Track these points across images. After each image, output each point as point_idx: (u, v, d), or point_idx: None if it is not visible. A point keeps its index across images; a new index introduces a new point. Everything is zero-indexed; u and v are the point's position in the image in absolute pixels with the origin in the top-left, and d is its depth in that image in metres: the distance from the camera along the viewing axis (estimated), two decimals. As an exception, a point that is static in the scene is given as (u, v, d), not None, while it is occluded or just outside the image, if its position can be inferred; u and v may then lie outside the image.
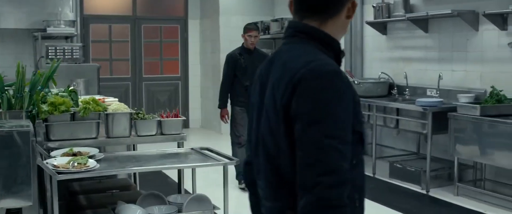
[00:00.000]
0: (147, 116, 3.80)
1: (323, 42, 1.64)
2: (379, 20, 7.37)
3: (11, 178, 2.97)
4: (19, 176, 2.98)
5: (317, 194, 1.45)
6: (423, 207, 5.64)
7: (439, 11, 6.28)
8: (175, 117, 3.90)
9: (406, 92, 6.98)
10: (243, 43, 6.40)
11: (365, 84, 7.23)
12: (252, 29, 6.29)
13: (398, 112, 6.51)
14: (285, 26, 1.76)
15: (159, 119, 3.83)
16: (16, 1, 8.18)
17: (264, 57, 6.30)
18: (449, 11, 6.11)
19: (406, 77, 6.99)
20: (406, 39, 7.27)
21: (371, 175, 6.81)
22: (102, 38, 10.21)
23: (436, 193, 5.98)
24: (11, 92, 3.58)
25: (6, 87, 3.59)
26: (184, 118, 3.93)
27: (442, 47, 6.70)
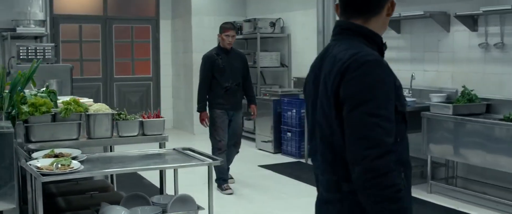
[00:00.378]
0: (129, 116, 3.77)
1: (367, 37, 1.85)
2: (352, 21, 7.45)
3: (-7, 180, 2.92)
4: (2, 179, 2.93)
5: (366, 165, 1.66)
6: (398, 204, 5.73)
7: (411, 13, 6.40)
8: (157, 117, 3.89)
9: (379, 92, 7.08)
10: (219, 43, 6.18)
11: (338, 84, 7.31)
12: (229, 28, 6.07)
13: (372, 111, 6.60)
14: (335, 25, 1.96)
15: (141, 119, 3.81)
16: (-16, 0, 8.03)
17: (242, 57, 6.28)
18: (421, 13, 6.24)
19: (379, 77, 7.08)
20: (379, 39, 7.37)
21: (346, 174, 6.89)
22: (72, 38, 10.08)
23: (410, 191, 6.09)
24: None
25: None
26: (165, 118, 3.91)
27: (414, 47, 6.82)
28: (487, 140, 5.26)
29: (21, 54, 6.94)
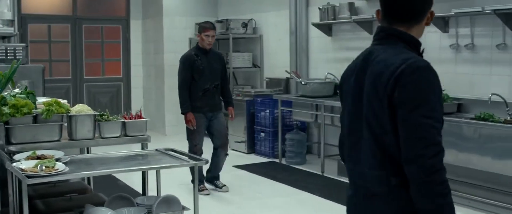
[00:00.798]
0: (111, 117, 3.75)
1: (410, 43, 2.01)
2: (324, 22, 7.55)
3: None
4: (-15, 181, 2.89)
5: (422, 163, 1.82)
6: (373, 203, 5.82)
7: (384, 14, 6.51)
8: (138, 118, 3.87)
9: (352, 92, 7.18)
10: (197, 43, 6.02)
11: (311, 84, 7.38)
12: (209, 28, 5.93)
13: (346, 111, 6.69)
14: (377, 30, 2.09)
15: (123, 120, 3.79)
16: (-49, -1, 7.83)
17: (220, 57, 6.14)
18: (394, 14, 6.34)
19: (351, 77, 7.17)
20: (351, 40, 7.48)
21: (320, 173, 6.97)
22: (41, 39, 9.91)
23: (384, 189, 6.19)
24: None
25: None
26: (148, 119, 3.90)
27: (386, 48, 6.93)
28: (459, 138, 5.38)
29: (-10, 54, 6.80)
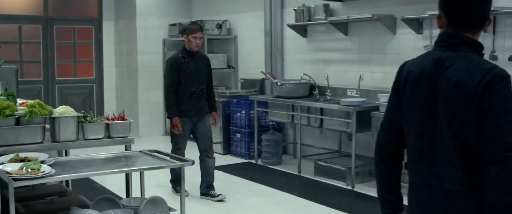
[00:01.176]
0: (95, 119, 3.73)
1: (477, 49, 2.14)
2: (300, 23, 7.61)
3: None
4: (-29, 184, 2.84)
5: (506, 164, 1.94)
6: (351, 201, 5.90)
7: (360, 16, 6.61)
8: (122, 119, 3.86)
9: (327, 93, 7.26)
10: (184, 45, 5.88)
11: (287, 85, 7.43)
12: (197, 30, 5.82)
13: (322, 111, 6.76)
14: (443, 37, 2.18)
15: (106, 122, 3.77)
16: None
17: (206, 59, 6.04)
18: (369, 16, 6.45)
19: (327, 78, 7.25)
20: (326, 41, 7.56)
21: (296, 174, 7.02)
22: (11, 39, 9.74)
23: (361, 189, 6.28)
24: None
25: None
26: (131, 120, 3.89)
27: (361, 49, 7.04)
28: (434, 137, 5.49)
29: (-38, 56, 6.65)
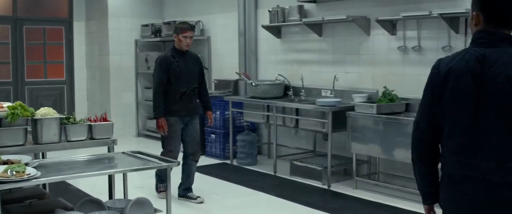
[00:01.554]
0: (77, 120, 3.70)
1: None
2: (274, 24, 7.66)
3: None
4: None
5: None
6: (327, 200, 5.97)
7: (334, 17, 6.69)
8: (104, 120, 3.84)
9: (302, 93, 7.33)
10: (174, 44, 5.73)
11: (262, 86, 7.47)
12: (188, 29, 5.67)
13: (298, 111, 6.82)
14: (482, 34, 2.28)
15: (89, 123, 3.75)
16: None
17: (197, 58, 5.93)
18: (344, 17, 6.54)
19: (302, 79, 7.31)
20: (301, 42, 7.63)
21: (272, 174, 7.06)
22: (-21, 40, 9.57)
23: (337, 188, 6.36)
24: None
25: None
26: (113, 121, 3.87)
27: (335, 50, 7.12)
28: (408, 137, 5.58)
29: None
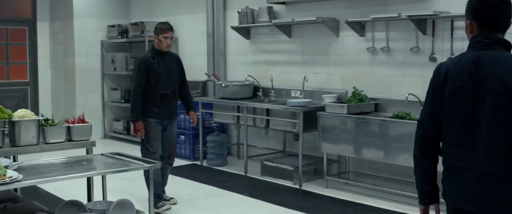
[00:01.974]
0: (56, 122, 3.66)
1: (507, 46, 2.48)
2: (244, 25, 7.70)
3: None
4: None
5: None
6: (299, 200, 6.04)
7: (304, 18, 6.78)
8: (82, 122, 3.81)
9: (272, 94, 7.39)
10: (154, 45, 5.61)
11: (231, 86, 7.50)
12: (168, 29, 5.57)
13: (268, 112, 6.87)
14: (477, 38, 2.49)
15: (67, 125, 3.71)
16: None
17: (177, 59, 5.81)
18: (314, 18, 6.63)
19: (271, 79, 7.37)
20: (270, 43, 7.69)
21: (243, 174, 7.10)
22: None
23: (308, 187, 6.45)
24: None
25: None
26: (91, 123, 3.84)
27: (305, 51, 7.21)
28: (378, 136, 5.73)
29: None
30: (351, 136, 5.99)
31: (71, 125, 3.71)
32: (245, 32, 7.92)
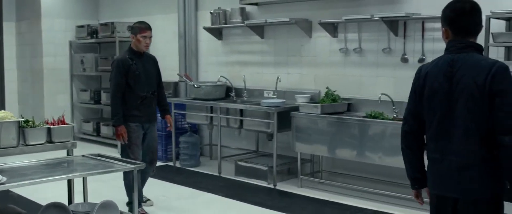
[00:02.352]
0: (36, 124, 3.62)
1: (479, 49, 2.76)
2: (216, 26, 7.72)
3: None
4: None
5: None
6: (275, 199, 6.09)
7: (277, 19, 6.83)
8: (62, 123, 3.78)
9: (244, 94, 7.43)
10: (131, 46, 5.39)
11: (204, 87, 7.51)
12: (147, 28, 5.34)
13: (242, 112, 6.91)
14: (452, 43, 2.76)
15: (48, 126, 3.68)
16: None
17: (154, 60, 5.59)
18: (287, 19, 6.69)
19: (244, 80, 7.41)
20: (242, 44, 7.73)
21: (217, 174, 7.11)
22: None
23: (282, 187, 6.50)
24: None
25: None
26: (73, 124, 3.81)
27: (277, 52, 7.27)
28: (352, 135, 5.82)
29: None
30: (324, 136, 6.07)
31: (51, 127, 3.68)
32: (217, 33, 7.94)
